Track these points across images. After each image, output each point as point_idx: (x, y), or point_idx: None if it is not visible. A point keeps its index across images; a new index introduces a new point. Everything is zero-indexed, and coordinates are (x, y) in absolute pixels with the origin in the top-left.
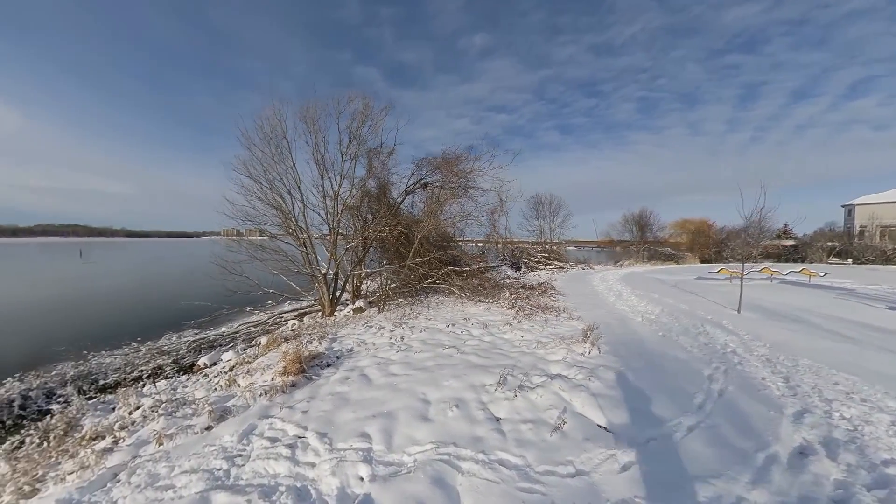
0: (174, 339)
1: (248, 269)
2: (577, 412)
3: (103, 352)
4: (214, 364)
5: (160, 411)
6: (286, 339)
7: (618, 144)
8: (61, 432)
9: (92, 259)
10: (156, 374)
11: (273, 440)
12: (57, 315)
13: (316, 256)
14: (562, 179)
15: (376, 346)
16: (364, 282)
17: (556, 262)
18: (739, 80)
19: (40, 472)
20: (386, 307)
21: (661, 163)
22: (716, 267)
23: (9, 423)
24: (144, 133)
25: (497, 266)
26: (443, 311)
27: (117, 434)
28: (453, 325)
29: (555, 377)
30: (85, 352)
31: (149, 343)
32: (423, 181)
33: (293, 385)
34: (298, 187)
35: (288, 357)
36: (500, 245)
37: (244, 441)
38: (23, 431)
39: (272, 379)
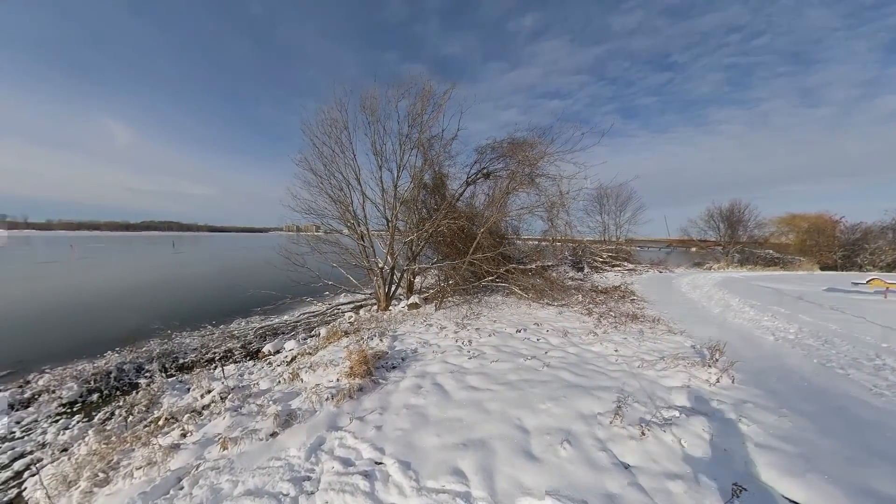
0: (243, 324)
1: (309, 261)
2: (750, 473)
3: (184, 332)
4: (278, 352)
5: (226, 405)
6: (346, 333)
7: (697, 125)
8: (143, 408)
9: (181, 250)
10: (226, 357)
11: (346, 462)
12: (151, 296)
13: (373, 250)
14: (623, 170)
15: (443, 350)
16: (416, 277)
17: (624, 263)
18: (888, 21)
19: (115, 458)
20: (443, 305)
21: (756, 145)
22: (853, 276)
23: (105, 392)
24: (223, 142)
25: (555, 266)
26: (505, 312)
27: (186, 426)
28: (524, 329)
29: (690, 412)
30: (169, 331)
31: (221, 326)
32: (485, 170)
33: (360, 389)
34: (358, 179)
35: (353, 357)
36: (559, 243)
37: (312, 459)
38: (113, 403)
39: (337, 380)
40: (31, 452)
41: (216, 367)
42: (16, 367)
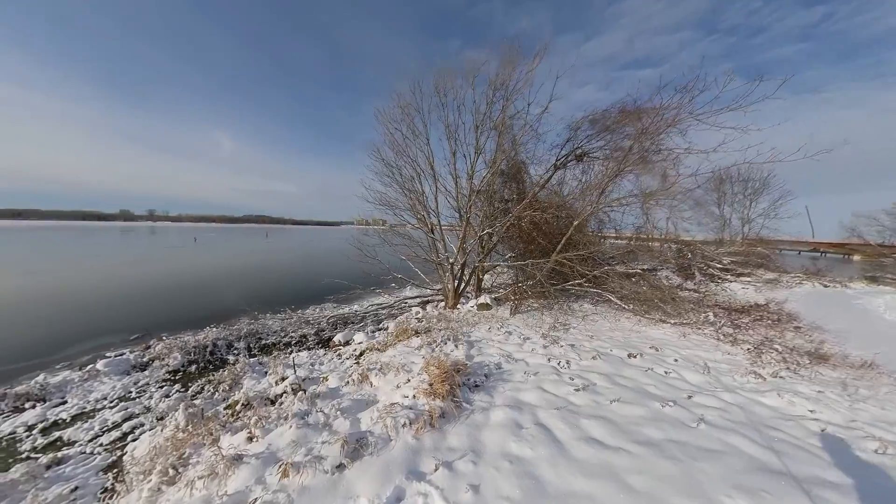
0: (317, 311)
1: (379, 254)
2: None
3: (268, 314)
4: (347, 343)
5: (294, 407)
6: (416, 332)
7: (870, 79)
8: (227, 386)
9: (271, 240)
10: (301, 342)
11: None
12: (245, 278)
13: (444, 244)
14: (752, 146)
15: (535, 371)
16: (485, 275)
17: (758, 272)
18: None
19: (187, 452)
20: (519, 309)
21: None
22: None
23: (201, 365)
24: (301, 143)
25: (654, 271)
26: (602, 327)
27: (253, 430)
28: (639, 355)
29: None
30: (256, 312)
31: (299, 312)
32: (579, 150)
33: (442, 415)
34: (431, 165)
35: (431, 369)
36: (658, 242)
37: None
38: (205, 378)
39: (413, 396)
40: (137, 415)
41: (291, 352)
42: (143, 332)
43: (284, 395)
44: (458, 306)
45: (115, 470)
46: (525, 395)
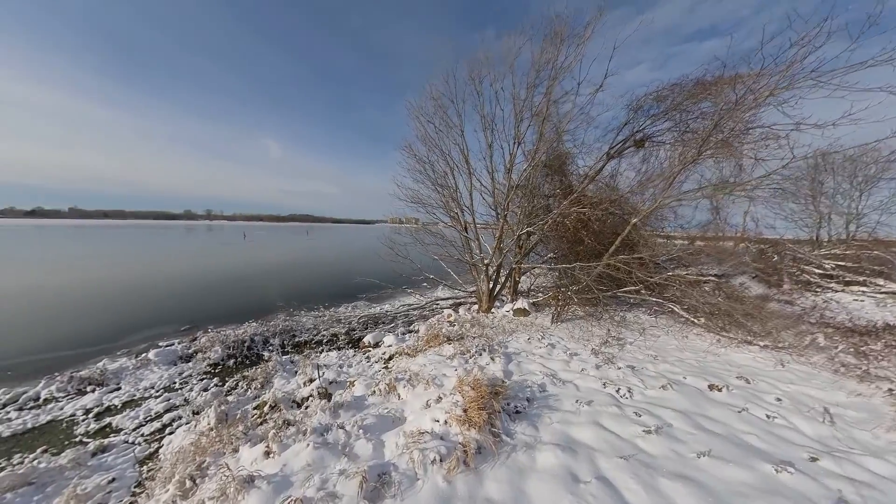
0: (349, 309)
1: (411, 253)
2: None
3: (303, 311)
4: (377, 345)
5: (314, 420)
6: (448, 339)
7: None
8: (259, 384)
9: (312, 237)
10: (332, 341)
11: None
12: (285, 274)
13: (479, 243)
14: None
15: (586, 398)
16: (521, 277)
17: (874, 281)
18: None
19: (206, 461)
20: (561, 317)
21: None
22: None
23: (238, 360)
24: (340, 145)
25: (726, 277)
26: (666, 344)
27: (271, 444)
28: (724, 388)
29: None
30: (292, 309)
31: (332, 309)
32: (638, 134)
33: (479, 451)
34: (466, 159)
35: (466, 390)
36: (735, 241)
37: None
38: (240, 374)
39: (445, 422)
40: (177, 407)
41: (322, 350)
42: (192, 323)
43: (311, 398)
44: (493, 310)
45: (150, 463)
46: (579, 431)
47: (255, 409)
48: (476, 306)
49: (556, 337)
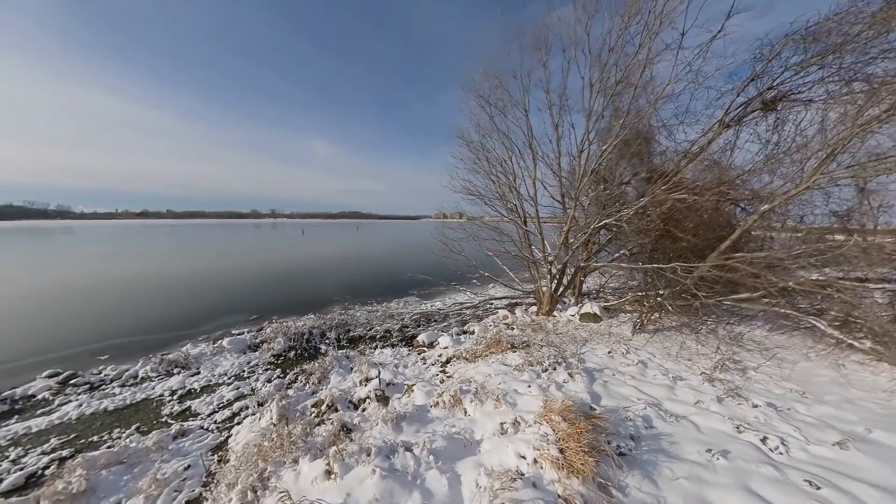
0: (401, 305)
1: (465, 248)
2: None
3: (356, 305)
4: (431, 345)
5: (377, 436)
6: (513, 347)
7: None
8: (316, 379)
9: (361, 233)
10: (385, 337)
11: None
12: (336, 269)
13: (542, 238)
14: None
15: (717, 445)
16: (586, 277)
17: None
18: None
19: (267, 470)
20: (645, 327)
21: None
22: None
23: (298, 352)
24: (385, 142)
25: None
26: (812, 373)
27: (332, 462)
28: None
29: None
30: (346, 303)
31: (384, 305)
32: (769, 93)
33: None
34: (530, 145)
35: (554, 418)
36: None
37: None
38: (298, 367)
39: (535, 461)
40: (244, 396)
41: (376, 347)
42: (260, 314)
43: (367, 400)
44: (555, 313)
45: (220, 453)
46: (722, 497)
47: (313, 406)
48: (534, 308)
49: (646, 353)
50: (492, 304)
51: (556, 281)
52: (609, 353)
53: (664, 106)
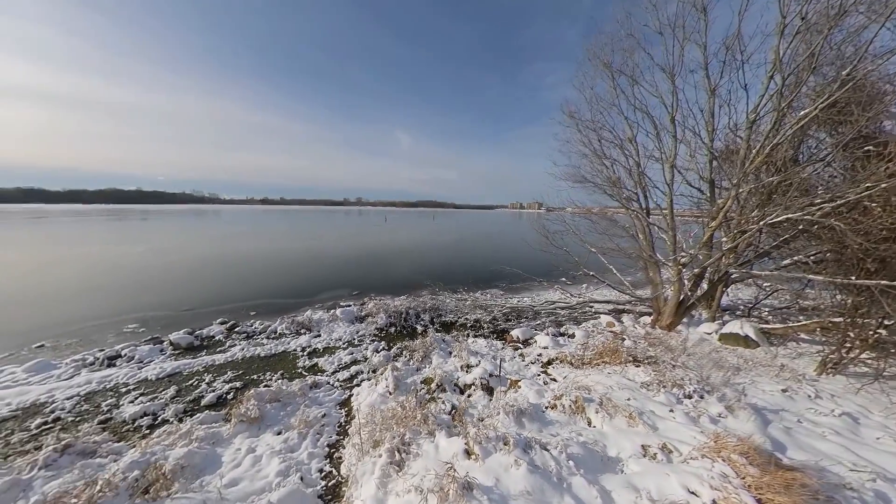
0: (489, 296)
1: (568, 243)
2: None
3: (445, 292)
4: (527, 343)
5: (500, 422)
6: (635, 360)
7: None
8: (420, 356)
9: (437, 222)
10: (475, 327)
11: None
12: (419, 254)
13: (673, 236)
14: None
15: None
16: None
17: None
18: None
19: (407, 435)
20: (845, 366)
21: None
22: None
23: (398, 328)
24: (459, 130)
25: None
26: None
27: (470, 443)
28: None
29: None
30: (436, 288)
31: (472, 295)
32: None
33: None
34: (672, 117)
35: (737, 462)
36: None
37: None
38: (400, 343)
39: (713, 502)
40: (358, 362)
41: (468, 334)
42: (360, 290)
43: (473, 387)
44: (679, 328)
45: (346, 408)
46: None
47: (422, 382)
48: (649, 317)
49: (853, 403)
50: (591, 307)
51: (685, 289)
52: (784, 391)
53: None
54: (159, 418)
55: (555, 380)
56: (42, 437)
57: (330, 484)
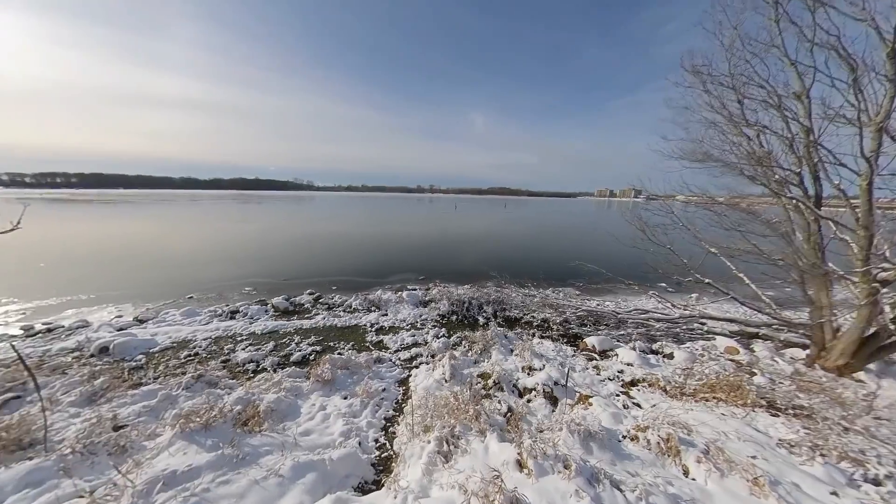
0: (560, 295)
1: (675, 240)
2: None
3: (512, 285)
4: (605, 354)
5: (561, 441)
6: (770, 406)
7: None
8: (479, 349)
9: (508, 210)
10: (542, 327)
11: None
12: (486, 244)
13: (866, 238)
14: None
15: None
16: None
17: None
18: None
19: (457, 428)
20: None
21: None
22: None
23: (459, 317)
24: (541, 104)
25: None
26: None
27: (523, 455)
28: None
29: None
30: (502, 281)
31: (541, 291)
32: None
33: None
34: (854, 65)
35: None
36: None
37: None
38: (460, 332)
39: None
40: (418, 344)
41: (534, 334)
42: (425, 275)
43: (534, 392)
44: (862, 375)
45: (404, 387)
46: None
47: (478, 376)
48: (802, 350)
49: None
50: (702, 324)
51: (881, 318)
52: None
53: None
54: (260, 366)
55: (638, 405)
56: (186, 365)
57: (383, 455)
